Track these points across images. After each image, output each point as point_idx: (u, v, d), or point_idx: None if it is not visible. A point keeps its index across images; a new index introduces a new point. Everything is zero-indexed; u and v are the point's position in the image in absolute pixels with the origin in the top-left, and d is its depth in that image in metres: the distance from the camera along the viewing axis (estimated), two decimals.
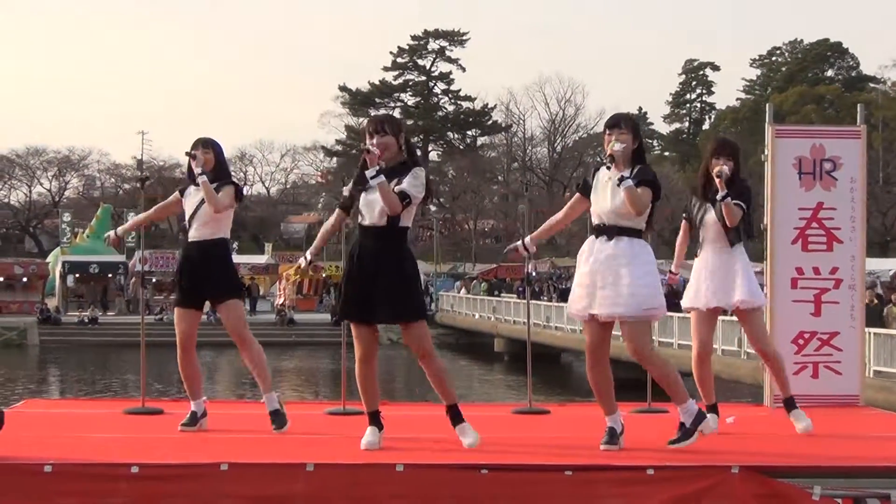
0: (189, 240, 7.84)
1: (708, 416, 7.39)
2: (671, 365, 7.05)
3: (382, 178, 6.59)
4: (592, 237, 6.91)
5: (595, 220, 6.95)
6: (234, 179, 7.99)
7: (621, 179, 6.73)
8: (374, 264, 6.70)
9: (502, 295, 53.39)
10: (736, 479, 6.15)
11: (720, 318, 8.77)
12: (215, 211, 7.68)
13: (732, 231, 7.88)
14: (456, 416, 6.91)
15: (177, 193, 7.99)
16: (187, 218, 7.81)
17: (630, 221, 6.84)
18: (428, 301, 58.26)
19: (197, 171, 7.64)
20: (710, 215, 7.94)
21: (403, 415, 6.87)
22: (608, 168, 6.87)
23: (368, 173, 6.61)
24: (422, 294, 7.10)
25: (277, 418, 7.61)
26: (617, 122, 6.97)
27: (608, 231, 6.86)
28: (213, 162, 7.76)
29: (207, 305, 7.94)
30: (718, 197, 7.76)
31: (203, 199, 7.67)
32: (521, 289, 55.76)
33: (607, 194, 6.86)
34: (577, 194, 7.15)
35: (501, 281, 59.19)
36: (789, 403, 8.08)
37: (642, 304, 6.77)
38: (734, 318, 8.25)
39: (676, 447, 6.84)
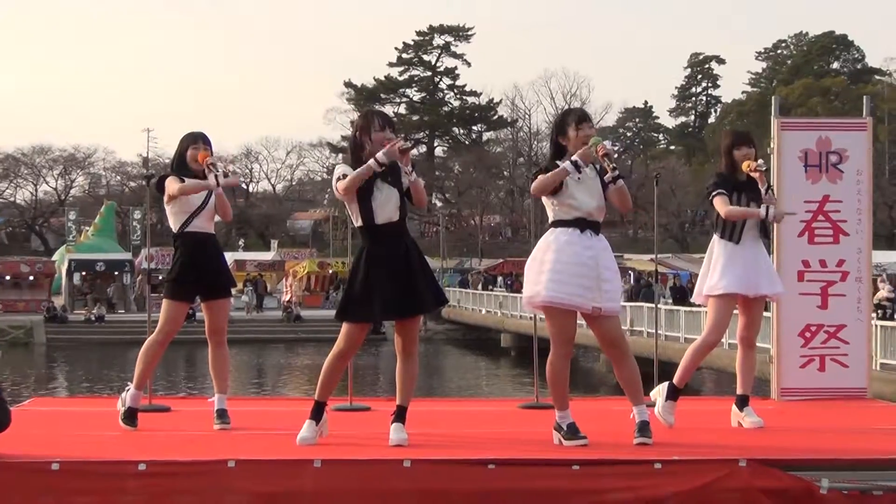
0: (196, 230, 7.66)
1: (667, 403, 7.63)
2: None
3: (415, 174, 6.66)
4: (576, 230, 6.80)
5: (577, 214, 6.82)
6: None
7: (616, 178, 6.74)
8: (405, 258, 6.70)
9: (491, 289, 54.53)
10: (743, 472, 6.14)
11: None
12: (228, 217, 7.74)
13: (764, 223, 7.88)
14: (401, 416, 6.83)
15: (177, 180, 7.60)
16: (193, 209, 7.64)
17: (602, 218, 6.92)
18: None
19: (213, 182, 7.44)
20: (752, 206, 7.82)
21: (409, 410, 6.85)
22: (587, 165, 6.78)
23: (407, 169, 6.62)
24: None
25: (224, 415, 7.65)
26: (586, 116, 6.96)
27: (594, 226, 6.86)
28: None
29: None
30: (763, 189, 7.73)
31: (211, 193, 7.62)
32: (509, 282, 57.05)
33: (592, 189, 6.83)
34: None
35: (494, 276, 60.64)
36: (744, 401, 7.97)
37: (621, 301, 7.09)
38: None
39: (649, 442, 6.82)
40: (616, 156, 6.92)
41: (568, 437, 6.82)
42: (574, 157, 6.69)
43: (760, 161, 7.78)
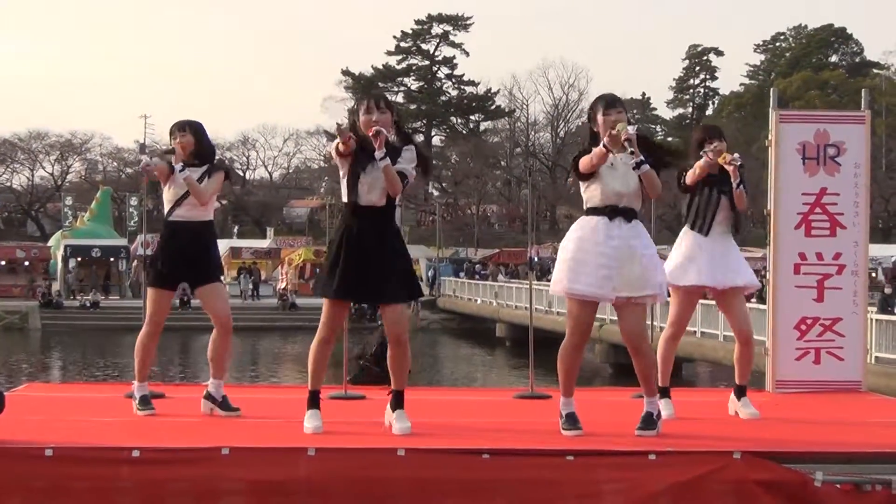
0: (178, 220, 7.64)
1: (661, 401, 7.52)
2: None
3: (388, 160, 6.56)
4: (605, 219, 6.79)
5: (607, 202, 6.81)
6: (223, 162, 7.89)
7: (640, 164, 6.66)
8: (377, 244, 6.67)
9: (476, 278, 56.02)
10: (738, 464, 6.14)
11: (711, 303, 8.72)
12: (201, 203, 7.58)
13: (738, 217, 7.86)
14: (399, 402, 6.84)
15: (166, 165, 7.63)
16: (176, 198, 7.63)
17: (639, 204, 6.87)
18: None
19: (177, 167, 7.49)
20: (721, 200, 7.84)
21: (405, 399, 6.84)
22: (611, 151, 6.79)
23: (377, 155, 6.53)
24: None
25: (225, 402, 7.66)
26: (614, 102, 6.90)
27: (625, 213, 6.81)
28: (191, 145, 7.60)
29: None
30: (735, 184, 7.73)
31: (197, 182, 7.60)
32: (484, 272, 57.54)
33: (621, 176, 6.79)
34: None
35: (473, 263, 62.99)
36: (742, 391, 8.00)
37: (664, 286, 6.98)
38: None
39: (646, 434, 6.81)
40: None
41: (565, 426, 6.83)
42: (603, 141, 6.69)
43: (736, 155, 7.75)
